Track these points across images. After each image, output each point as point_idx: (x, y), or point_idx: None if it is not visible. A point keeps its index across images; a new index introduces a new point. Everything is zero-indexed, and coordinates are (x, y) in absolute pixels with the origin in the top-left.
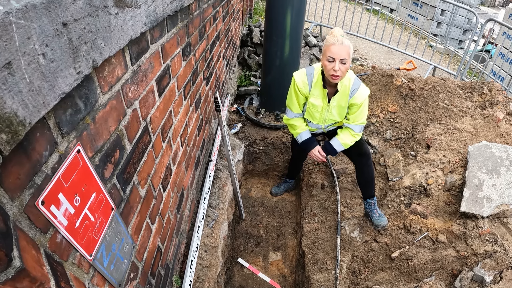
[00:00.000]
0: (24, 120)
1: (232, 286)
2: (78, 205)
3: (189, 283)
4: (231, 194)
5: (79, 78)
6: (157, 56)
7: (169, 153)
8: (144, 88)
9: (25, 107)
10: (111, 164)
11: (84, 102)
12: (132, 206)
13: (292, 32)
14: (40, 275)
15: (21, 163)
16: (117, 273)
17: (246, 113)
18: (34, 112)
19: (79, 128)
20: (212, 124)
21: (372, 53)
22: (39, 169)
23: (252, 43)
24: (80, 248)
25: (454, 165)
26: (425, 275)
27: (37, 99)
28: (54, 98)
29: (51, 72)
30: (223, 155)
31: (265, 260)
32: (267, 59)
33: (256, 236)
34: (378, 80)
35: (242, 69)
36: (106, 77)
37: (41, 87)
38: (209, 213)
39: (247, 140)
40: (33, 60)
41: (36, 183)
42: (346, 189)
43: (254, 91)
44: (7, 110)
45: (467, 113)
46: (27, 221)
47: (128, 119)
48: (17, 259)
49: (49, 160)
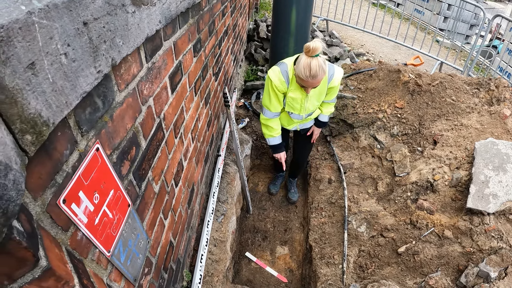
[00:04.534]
0: (48, 120)
1: (239, 280)
2: (97, 203)
3: (199, 277)
4: (239, 188)
5: (99, 77)
6: (170, 53)
7: (181, 148)
8: (158, 85)
9: (48, 107)
10: (128, 161)
11: (102, 101)
12: (147, 202)
13: (299, 27)
14: (64, 274)
15: (43, 163)
16: (133, 269)
17: (253, 107)
18: (57, 112)
19: (97, 126)
20: (220, 119)
21: (378, 48)
22: (60, 168)
23: (258, 38)
24: (99, 244)
25: (461, 162)
26: (431, 270)
27: (60, 99)
28: (76, 98)
29: (73, 72)
30: (231, 150)
31: (272, 254)
32: (275, 54)
33: (264, 231)
34: (385, 75)
35: (248, 64)
36: (122, 75)
37: (63, 87)
38: (218, 207)
39: (254, 135)
40: (55, 60)
41: (58, 182)
42: (353, 184)
43: (261, 85)
44: (31, 111)
45: (474, 109)
46: (49, 220)
47: (143, 116)
48: (44, 258)
49: (69, 159)
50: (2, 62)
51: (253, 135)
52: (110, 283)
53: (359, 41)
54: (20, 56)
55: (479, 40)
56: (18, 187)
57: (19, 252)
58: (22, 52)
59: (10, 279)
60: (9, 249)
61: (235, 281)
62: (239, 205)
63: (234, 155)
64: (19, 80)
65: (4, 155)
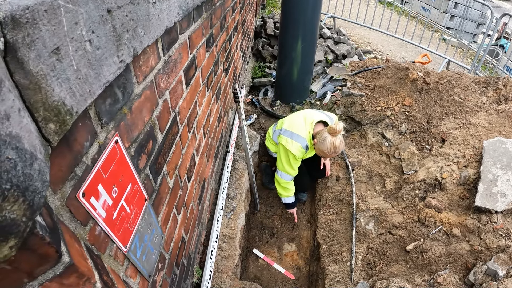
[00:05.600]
0: (72, 109)
1: (247, 276)
2: (116, 197)
3: (209, 273)
4: (247, 185)
5: (122, 67)
6: (185, 47)
7: (193, 143)
8: (174, 79)
9: (72, 95)
10: (145, 155)
11: (122, 92)
12: (162, 197)
13: (308, 24)
14: (86, 270)
15: (64, 154)
16: (148, 264)
17: (261, 104)
18: (81, 101)
19: (117, 118)
20: (229, 115)
21: (385, 46)
22: (80, 160)
23: (266, 35)
24: (117, 239)
25: (469, 160)
26: (440, 268)
27: (83, 87)
28: (99, 87)
29: (96, 60)
30: (240, 146)
31: (279, 251)
32: (283, 51)
33: (271, 227)
34: (393, 73)
35: (256, 61)
36: (141, 67)
37: (87, 75)
38: (228, 203)
39: (262, 131)
40: (80, 47)
41: (77, 174)
42: (360, 181)
43: (268, 82)
44: (55, 98)
45: (482, 108)
46: (68, 214)
47: (160, 110)
48: (66, 254)
49: (89, 151)
50: (27, 46)
51: (261, 131)
52: (126, 279)
53: (366, 39)
54: (45, 40)
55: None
56: (43, 178)
57: (42, 248)
58: (47, 36)
59: (30, 276)
60: (31, 245)
61: (243, 277)
62: (247, 201)
63: (242, 152)
64: (44, 66)
65: (29, 143)
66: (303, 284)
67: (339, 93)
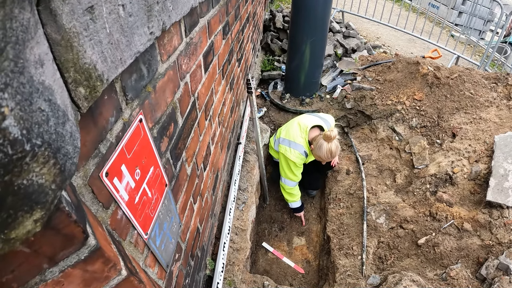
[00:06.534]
0: (102, 75)
1: (256, 270)
2: (138, 179)
3: (222, 266)
4: (258, 177)
5: (151, 39)
6: (204, 31)
7: (209, 132)
8: (194, 62)
9: (104, 60)
10: (167, 138)
11: (147, 69)
12: (181, 184)
13: (319, 17)
14: (112, 255)
15: (88, 128)
16: (166, 254)
17: (270, 97)
18: (112, 68)
19: (141, 96)
20: (241, 107)
21: (394, 41)
22: (104, 137)
23: (275, 28)
24: (138, 226)
25: (480, 155)
26: (451, 262)
27: (115, 53)
28: (130, 56)
29: (129, 27)
30: (250, 138)
31: (289, 245)
32: (293, 45)
33: (280, 221)
34: (404, 67)
35: (265, 54)
36: (165, 46)
37: (119, 41)
38: (239, 195)
39: (272, 124)
40: (114, 10)
41: (101, 152)
42: (371, 175)
43: (278, 76)
44: (86, 60)
45: (492, 103)
46: (91, 195)
47: (181, 92)
48: (91, 236)
49: (114, 128)
50: None
51: (271, 124)
52: (145, 269)
53: (375, 34)
54: None
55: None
56: (74, 142)
57: (68, 227)
58: None
59: (51, 261)
60: (55, 223)
61: (252, 271)
62: (258, 194)
63: (253, 144)
64: (77, 23)
65: (61, 100)
66: (312, 278)
67: (349, 87)
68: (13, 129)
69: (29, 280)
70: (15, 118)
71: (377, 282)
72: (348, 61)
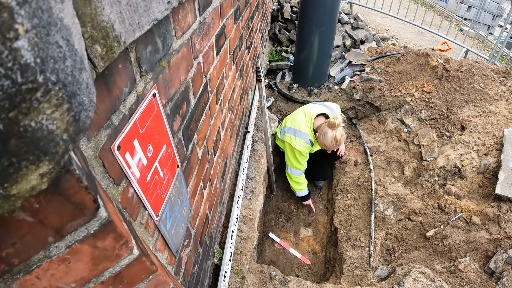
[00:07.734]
0: (120, 37)
1: (263, 260)
2: (151, 156)
3: (230, 254)
4: (265, 167)
5: (169, 8)
6: (217, 13)
7: (220, 116)
8: (207, 43)
9: (122, 21)
10: (179, 117)
11: (162, 42)
12: (192, 167)
13: (328, 7)
14: (124, 231)
15: (102, 96)
16: (176, 238)
17: (278, 87)
18: (130, 31)
19: (156, 69)
20: (249, 96)
21: (402, 34)
22: (117, 107)
23: (282, 19)
24: (149, 206)
25: (489, 148)
26: (460, 255)
27: (133, 16)
28: (147, 22)
29: None
30: (258, 127)
31: (296, 236)
32: (302, 35)
33: (287, 212)
34: (413, 59)
35: (273, 45)
36: (180, 22)
37: (138, 4)
38: (247, 184)
39: (279, 114)
40: None
41: (114, 123)
42: (379, 167)
43: (285, 66)
44: (104, 18)
45: (502, 97)
46: (101, 168)
47: (194, 72)
48: (103, 208)
49: (127, 99)
50: None
51: (279, 114)
52: (155, 253)
53: (383, 26)
54: None
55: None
56: (90, 96)
57: (78, 194)
58: None
59: (57, 234)
60: (63, 188)
61: (259, 261)
62: (265, 184)
63: (261, 133)
64: None
65: (79, 47)
66: (319, 269)
67: (358, 78)
68: (26, 53)
69: (32, 256)
70: (30, 43)
71: (384, 274)
72: (356, 52)
